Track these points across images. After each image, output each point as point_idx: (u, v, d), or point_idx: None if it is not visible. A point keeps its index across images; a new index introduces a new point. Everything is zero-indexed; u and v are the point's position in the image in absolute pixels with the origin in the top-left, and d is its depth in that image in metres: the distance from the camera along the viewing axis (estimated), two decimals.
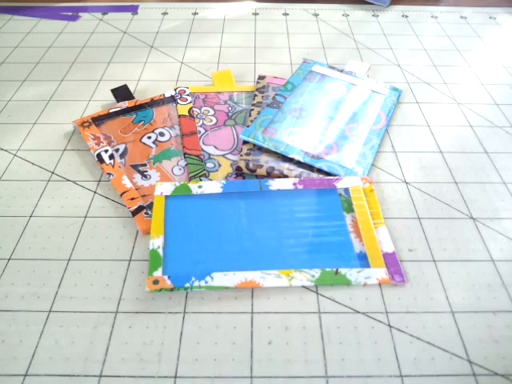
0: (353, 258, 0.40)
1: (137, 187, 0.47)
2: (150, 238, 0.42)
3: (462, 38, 0.77)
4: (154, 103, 0.58)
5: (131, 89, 0.62)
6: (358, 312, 0.37)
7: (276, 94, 0.58)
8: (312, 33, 0.77)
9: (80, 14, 0.82)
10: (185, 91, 0.60)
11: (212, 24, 0.79)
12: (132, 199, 0.45)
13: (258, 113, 0.56)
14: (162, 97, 0.59)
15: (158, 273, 0.38)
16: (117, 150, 0.51)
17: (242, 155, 0.50)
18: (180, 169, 0.50)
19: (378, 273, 0.39)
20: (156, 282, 0.38)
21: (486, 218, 0.45)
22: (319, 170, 0.49)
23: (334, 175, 0.48)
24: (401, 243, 0.43)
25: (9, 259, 0.41)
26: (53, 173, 0.50)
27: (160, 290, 0.37)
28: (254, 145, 0.51)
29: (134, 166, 0.50)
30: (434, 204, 0.47)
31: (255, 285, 0.38)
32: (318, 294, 0.38)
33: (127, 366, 0.34)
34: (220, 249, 0.41)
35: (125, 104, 0.57)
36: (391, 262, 0.40)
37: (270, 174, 0.48)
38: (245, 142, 0.52)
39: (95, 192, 0.47)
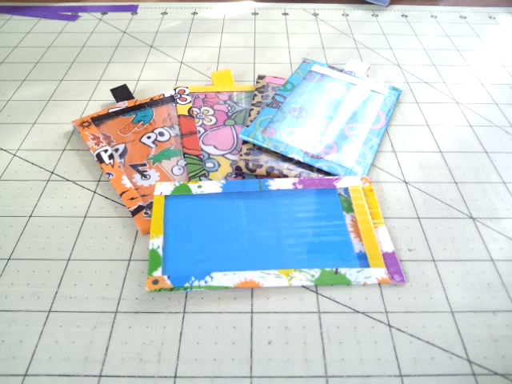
0: (352, 258, 0.40)
1: (136, 187, 0.47)
2: (149, 238, 0.42)
3: (462, 38, 0.77)
4: (153, 103, 0.58)
5: (131, 89, 0.62)
6: (358, 312, 0.37)
7: (276, 94, 0.58)
8: (311, 32, 0.77)
9: (79, 13, 0.82)
10: (184, 91, 0.60)
11: (211, 24, 0.79)
12: (132, 199, 0.45)
13: (258, 112, 0.56)
14: (161, 96, 0.59)
15: (158, 273, 0.38)
16: (116, 150, 0.51)
17: (241, 155, 0.50)
18: (180, 169, 0.50)
19: (378, 272, 0.39)
20: (156, 281, 0.38)
21: (486, 217, 0.45)
22: (319, 170, 0.49)
23: (334, 175, 0.48)
24: (400, 243, 0.43)
25: (8, 259, 0.41)
26: (52, 173, 0.49)
27: (160, 289, 0.37)
28: (254, 144, 0.51)
29: (134, 166, 0.49)
30: (433, 204, 0.47)
31: (255, 285, 0.38)
32: (317, 293, 0.38)
33: (127, 366, 0.34)
34: (220, 249, 0.41)
35: (124, 104, 0.57)
36: (391, 261, 0.40)
37: (270, 174, 0.48)
38: (244, 142, 0.52)
39: (95, 192, 0.47)
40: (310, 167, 0.49)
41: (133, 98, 0.59)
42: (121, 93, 0.59)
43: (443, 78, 0.66)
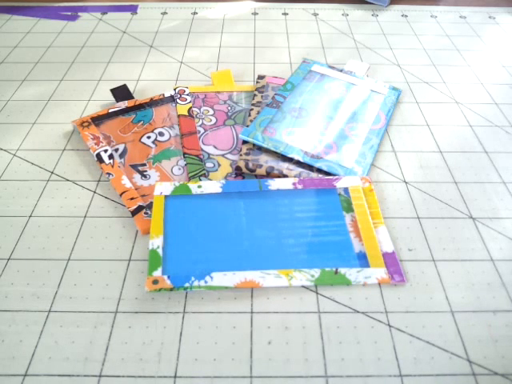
0: (352, 258, 0.40)
1: (136, 187, 0.47)
2: (149, 238, 0.42)
3: (462, 38, 0.77)
4: (153, 103, 0.58)
5: (131, 88, 0.62)
6: (358, 312, 0.37)
7: (275, 94, 0.58)
8: (311, 32, 0.77)
9: (79, 13, 0.82)
10: (184, 91, 0.60)
11: (211, 24, 0.79)
12: (131, 199, 0.45)
13: (258, 112, 0.55)
14: (161, 96, 0.59)
15: (158, 273, 0.38)
16: (116, 150, 0.51)
17: (241, 155, 0.50)
18: (179, 168, 0.50)
19: (378, 272, 0.39)
20: (156, 281, 0.38)
21: (486, 217, 0.45)
22: (319, 170, 0.49)
23: (334, 175, 0.48)
24: (400, 243, 0.43)
25: (8, 259, 0.41)
26: (52, 173, 0.49)
27: (159, 289, 0.37)
28: (254, 144, 0.51)
29: (134, 166, 0.49)
30: (433, 204, 0.47)
31: (255, 285, 0.38)
32: (317, 293, 0.38)
33: (127, 366, 0.34)
34: (219, 249, 0.41)
35: (124, 104, 0.57)
36: (391, 261, 0.40)
37: (270, 174, 0.48)
38: (244, 142, 0.52)
39: (95, 192, 0.47)
40: (310, 167, 0.49)
41: (133, 97, 0.59)
42: (121, 93, 0.59)
43: (443, 78, 0.66)
